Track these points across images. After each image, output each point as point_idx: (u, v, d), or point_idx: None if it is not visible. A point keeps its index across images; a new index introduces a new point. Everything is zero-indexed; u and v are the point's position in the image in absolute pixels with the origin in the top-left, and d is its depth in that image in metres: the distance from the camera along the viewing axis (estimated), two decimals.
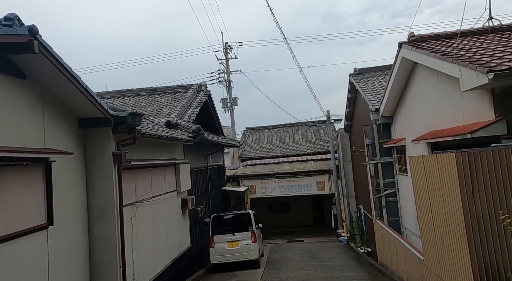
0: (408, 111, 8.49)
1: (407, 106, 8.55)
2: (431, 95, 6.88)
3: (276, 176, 20.42)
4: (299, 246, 16.09)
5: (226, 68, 23.73)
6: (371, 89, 11.77)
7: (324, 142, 26.29)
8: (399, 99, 8.98)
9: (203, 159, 14.86)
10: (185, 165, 11.66)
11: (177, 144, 11.21)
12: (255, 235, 11.20)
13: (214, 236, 11.30)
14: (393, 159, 10.16)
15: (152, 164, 9.14)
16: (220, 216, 12.26)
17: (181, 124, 11.76)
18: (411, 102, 8.27)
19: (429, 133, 6.72)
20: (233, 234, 11.22)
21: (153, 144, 9.16)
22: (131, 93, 15.84)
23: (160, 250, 9.27)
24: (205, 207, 14.44)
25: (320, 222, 24.89)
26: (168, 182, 10.41)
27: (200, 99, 14.86)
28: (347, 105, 16.38)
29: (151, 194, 9.01)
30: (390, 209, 10.07)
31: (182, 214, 11.38)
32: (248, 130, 30.31)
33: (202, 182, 14.43)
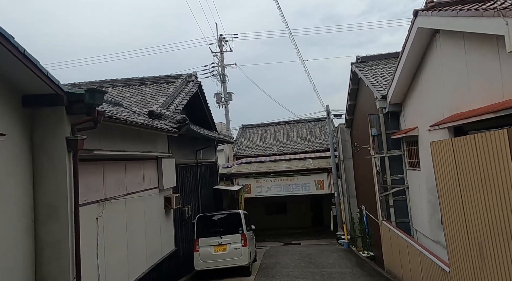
0: (422, 95, 7.34)
1: (421, 89, 7.39)
2: (454, 71, 5.73)
3: (272, 174, 19.23)
4: (296, 250, 14.90)
5: (221, 61, 22.57)
6: (376, 77, 10.61)
7: (323, 140, 25.15)
8: (410, 83, 7.82)
9: (192, 154, 13.67)
10: (169, 160, 10.47)
11: (160, 136, 10.03)
12: (246, 238, 10.02)
13: (199, 239, 10.08)
14: (402, 152, 9.00)
15: (128, 156, 7.95)
16: (207, 217, 11.06)
17: (165, 114, 10.57)
18: (426, 84, 7.10)
19: (452, 116, 5.57)
20: (220, 236, 10.02)
21: (129, 133, 7.98)
22: (115, 84, 14.65)
23: (136, 255, 8.07)
24: (193, 206, 13.25)
25: (319, 223, 23.72)
26: (148, 178, 9.22)
27: (189, 90, 13.67)
28: (348, 98, 15.24)
29: (125, 191, 7.82)
30: (399, 209, 8.92)
31: (165, 214, 10.19)
32: (244, 127, 29.16)
33: (190, 179, 13.24)
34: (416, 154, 7.90)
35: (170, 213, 10.63)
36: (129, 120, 6.83)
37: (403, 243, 6.87)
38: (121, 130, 7.61)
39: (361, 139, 14.28)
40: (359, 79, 13.77)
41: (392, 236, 7.75)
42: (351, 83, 14.23)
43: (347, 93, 15.18)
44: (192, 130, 10.63)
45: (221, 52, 22.71)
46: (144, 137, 8.92)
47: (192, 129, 10.61)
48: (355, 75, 13.63)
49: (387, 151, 9.01)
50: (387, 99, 8.69)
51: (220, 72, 22.63)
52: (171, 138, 11.03)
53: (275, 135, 27.44)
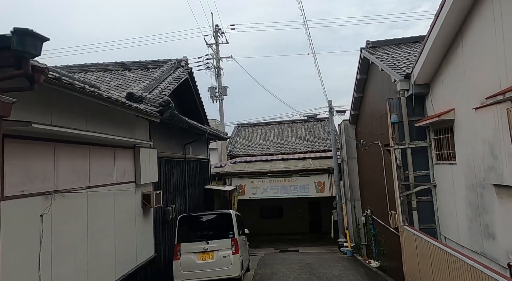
0: (463, 67, 5.85)
1: (461, 61, 5.91)
2: None
3: (268, 175, 17.68)
4: (294, 258, 13.33)
5: (216, 54, 21.07)
6: (393, 60, 9.14)
7: (322, 140, 23.71)
8: (444, 55, 6.35)
9: (179, 148, 12.12)
10: (149, 150, 8.92)
11: (139, 121, 8.48)
12: (237, 243, 8.48)
13: (181, 245, 8.49)
14: (429, 143, 7.50)
15: (93, 140, 6.40)
16: (191, 217, 9.46)
17: (147, 97, 9.02)
18: (469, 52, 5.62)
19: None
20: (206, 241, 8.44)
21: (96, 111, 6.45)
22: (96, 68, 13.09)
23: (99, 264, 6.49)
24: (179, 207, 11.67)
25: (317, 229, 22.18)
26: (122, 169, 7.66)
27: (178, 75, 12.13)
28: (355, 90, 13.78)
29: (87, 183, 6.25)
30: (423, 212, 7.41)
31: (142, 214, 8.61)
32: (239, 126, 27.66)
33: (177, 176, 11.68)
34: (450, 144, 6.42)
35: (150, 213, 9.04)
36: (89, 90, 5.27)
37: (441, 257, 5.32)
38: (84, 106, 6.08)
39: (369, 136, 12.82)
40: (368, 67, 12.33)
41: (420, 245, 6.23)
42: (358, 73, 12.77)
43: (354, 84, 13.73)
44: (178, 116, 9.09)
45: (216, 43, 21.23)
46: (117, 119, 7.38)
47: (178, 115, 9.07)
48: (364, 62, 12.18)
49: (410, 142, 7.51)
50: (411, 79, 7.22)
51: (215, 65, 21.12)
52: (153, 125, 9.49)
53: (272, 134, 25.97)
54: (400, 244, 7.51)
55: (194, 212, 10.31)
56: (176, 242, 8.48)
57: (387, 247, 9.92)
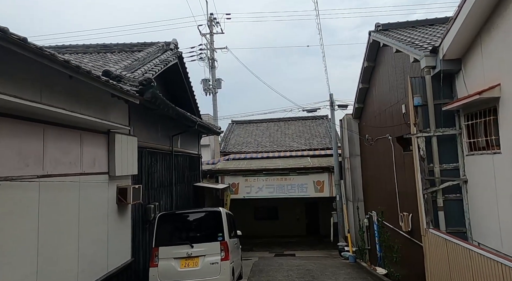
0: None
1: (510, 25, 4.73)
2: None
3: (264, 172, 16.44)
4: (291, 263, 12.10)
5: (210, 44, 19.81)
6: (411, 40, 7.95)
7: (321, 139, 22.57)
8: (487, 18, 5.16)
9: (166, 139, 10.85)
10: (128, 138, 7.65)
11: (115, 103, 7.22)
12: (228, 247, 7.18)
13: (159, 248, 7.19)
14: (458, 131, 6.31)
15: (49, 117, 5.14)
16: (172, 216, 8.11)
17: (126, 76, 7.77)
18: None
19: None
20: (190, 245, 7.12)
21: (55, 84, 5.20)
22: (75, 50, 11.80)
23: (55, 271, 5.22)
24: (164, 205, 10.40)
25: (314, 232, 20.99)
26: (91, 157, 6.38)
27: (166, 58, 10.87)
28: (360, 80, 12.61)
29: (40, 171, 4.99)
30: (451, 212, 6.21)
31: (117, 212, 7.33)
32: (234, 123, 26.44)
33: (162, 170, 10.41)
34: (491, 129, 5.22)
35: (126, 210, 7.77)
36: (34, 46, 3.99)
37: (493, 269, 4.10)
38: (39, 73, 4.82)
39: (376, 130, 11.65)
40: (377, 54, 11.16)
41: (455, 253, 5.02)
42: (365, 60, 11.60)
43: (359, 74, 12.56)
44: (162, 99, 7.82)
45: (211, 33, 19.97)
46: (86, 97, 6.11)
47: (162, 97, 7.80)
48: (372, 48, 11.02)
49: (436, 129, 6.32)
50: (439, 54, 6.04)
51: (209, 56, 19.86)
52: (134, 110, 8.23)
53: (268, 132, 24.77)
54: (423, 250, 6.29)
55: (177, 210, 8.93)
56: (153, 245, 7.14)
57: (402, 252, 8.71)
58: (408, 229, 8.70)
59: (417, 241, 7.89)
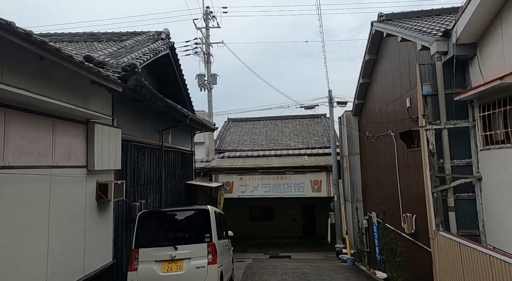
0: None
1: None
2: None
3: (260, 171, 15.84)
4: (286, 266, 11.51)
5: (206, 38, 19.21)
6: (418, 28, 7.38)
7: (319, 138, 22.01)
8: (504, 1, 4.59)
9: (155, 133, 10.24)
10: (110, 129, 7.05)
11: (97, 90, 6.62)
12: (216, 250, 6.51)
13: (140, 250, 6.54)
14: (472, 123, 5.74)
15: (11, 99, 4.54)
16: (155, 214, 7.43)
17: (110, 62, 7.17)
18: None
19: None
20: (174, 247, 6.47)
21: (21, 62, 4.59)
22: (61, 38, 11.15)
23: (19, 276, 4.60)
24: (153, 202, 9.80)
25: (311, 233, 20.41)
26: (65, 148, 5.78)
27: (157, 48, 10.25)
28: (361, 74, 12.05)
29: (1, 161, 4.37)
30: (462, 213, 5.64)
31: (97, 210, 6.72)
32: (229, 121, 25.83)
33: (150, 166, 9.81)
34: (506, 122, 4.66)
35: (108, 208, 7.15)
36: None
37: None
38: None
39: (377, 127, 11.10)
40: (379, 46, 10.61)
41: (470, 258, 4.44)
42: (367, 53, 11.04)
43: (360, 68, 12.01)
44: (147, 87, 7.21)
45: (206, 27, 19.37)
46: (62, 81, 5.52)
47: (148, 85, 7.19)
48: (374, 39, 10.46)
49: (446, 121, 5.76)
50: (451, 38, 5.48)
51: (204, 51, 19.25)
52: (119, 100, 7.64)
53: (264, 130, 24.19)
54: (432, 255, 5.71)
55: (161, 208, 8.21)
56: (133, 247, 6.51)
57: (406, 255, 8.13)
58: (411, 231, 8.14)
59: (422, 245, 7.33)
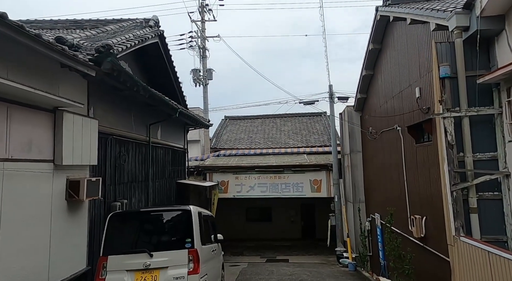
0: None
1: None
2: None
3: (256, 170, 15.06)
4: (283, 271, 10.72)
5: (201, 32, 18.44)
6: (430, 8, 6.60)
7: (319, 136, 21.21)
8: None
9: (141, 128, 9.45)
10: (83, 119, 6.26)
11: (68, 75, 5.85)
12: (198, 257, 5.61)
13: (109, 258, 5.67)
14: (498, 110, 4.96)
15: None
16: (127, 216, 6.53)
17: (84, 45, 6.38)
18: None
19: None
20: (149, 254, 5.51)
21: None
22: (41, 25, 10.35)
23: None
24: (138, 203, 9.04)
25: (310, 235, 19.61)
26: (24, 139, 4.99)
27: (143, 35, 9.45)
28: (364, 66, 11.28)
29: None
30: (487, 215, 4.87)
31: (67, 210, 5.92)
32: (227, 119, 25.06)
33: (135, 162, 9.03)
34: None
35: (81, 209, 6.36)
36: None
37: None
38: None
39: (381, 122, 10.33)
40: (384, 34, 9.83)
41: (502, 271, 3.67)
42: (371, 42, 10.27)
43: (363, 58, 11.23)
44: (126, 73, 6.40)
45: (202, 20, 18.60)
46: (22, 62, 4.74)
47: (126, 71, 6.38)
48: (379, 27, 9.69)
49: (468, 108, 4.99)
50: (475, 9, 4.70)
51: (200, 45, 18.47)
52: (97, 89, 6.88)
53: (262, 128, 23.39)
54: (451, 264, 4.92)
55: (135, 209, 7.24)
56: (101, 254, 5.68)
57: (416, 262, 7.33)
58: (420, 235, 7.36)
59: (435, 251, 6.55)
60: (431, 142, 6.85)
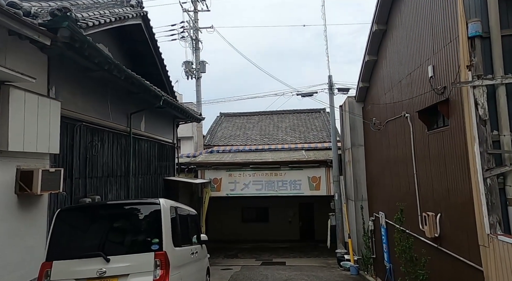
0: None
1: None
2: None
3: (251, 166, 14.10)
4: (278, 276, 9.76)
5: (194, 22, 17.51)
6: None
7: (318, 132, 20.26)
8: None
9: (120, 116, 8.50)
10: (39, 99, 5.31)
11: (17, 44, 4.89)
12: (167, 261, 4.45)
13: (54, 264, 4.52)
14: None
15: None
16: (79, 212, 5.35)
17: (42, 13, 5.42)
18: None
19: None
20: (105, 258, 4.39)
21: None
22: None
23: None
24: (116, 199, 8.03)
25: (309, 236, 18.64)
26: None
27: (123, 13, 8.50)
28: (367, 51, 10.35)
29: None
30: None
31: (16, 206, 4.97)
32: (222, 115, 24.11)
33: (112, 154, 8.08)
34: None
35: (38, 204, 5.40)
36: None
37: None
38: None
39: (385, 112, 9.41)
40: (389, 13, 8.91)
41: None
42: (375, 23, 9.36)
43: (366, 42, 10.29)
44: (91, 44, 5.43)
45: (195, 10, 17.67)
46: None
47: (90, 41, 5.40)
48: (384, 3, 8.76)
49: (504, 75, 4.05)
50: None
51: (192, 36, 17.53)
52: (61, 66, 5.98)
53: (259, 125, 22.44)
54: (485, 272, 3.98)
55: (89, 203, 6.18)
56: (45, 259, 4.66)
57: (433, 267, 6.38)
58: (434, 234, 6.43)
59: (452, 253, 5.62)
60: (447, 126, 5.92)
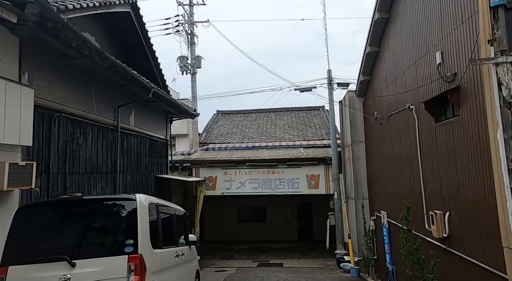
0: None
1: None
2: None
3: (247, 164, 13.59)
4: (275, 279, 9.25)
5: (189, 16, 17.00)
6: None
7: (317, 130, 19.76)
8: None
9: (106, 109, 7.98)
10: (7, 84, 4.79)
11: None
12: (144, 265, 3.86)
13: (9, 269, 3.95)
14: None
15: None
16: (41, 209, 4.61)
17: None
18: None
19: None
20: (70, 262, 3.76)
21: None
22: None
23: None
24: None
25: (307, 236, 18.15)
26: None
27: (111, 1, 7.99)
28: (368, 42, 9.87)
29: None
30: None
31: None
32: (219, 113, 23.60)
33: (97, 149, 7.57)
34: None
35: (7, 202, 4.88)
36: None
37: None
38: None
39: (388, 105, 8.92)
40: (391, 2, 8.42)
41: None
42: (377, 11, 8.86)
43: (367, 33, 9.80)
44: (65, 24, 4.91)
45: (190, 3, 17.15)
46: None
47: (65, 21, 4.89)
48: None
49: None
50: None
51: (187, 30, 17.01)
52: (38, 52, 5.48)
53: (256, 122, 21.94)
54: (509, 275, 3.49)
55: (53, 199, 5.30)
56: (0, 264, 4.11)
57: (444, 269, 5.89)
58: (443, 235, 5.94)
59: (461, 254, 5.13)
60: (457, 117, 5.44)
